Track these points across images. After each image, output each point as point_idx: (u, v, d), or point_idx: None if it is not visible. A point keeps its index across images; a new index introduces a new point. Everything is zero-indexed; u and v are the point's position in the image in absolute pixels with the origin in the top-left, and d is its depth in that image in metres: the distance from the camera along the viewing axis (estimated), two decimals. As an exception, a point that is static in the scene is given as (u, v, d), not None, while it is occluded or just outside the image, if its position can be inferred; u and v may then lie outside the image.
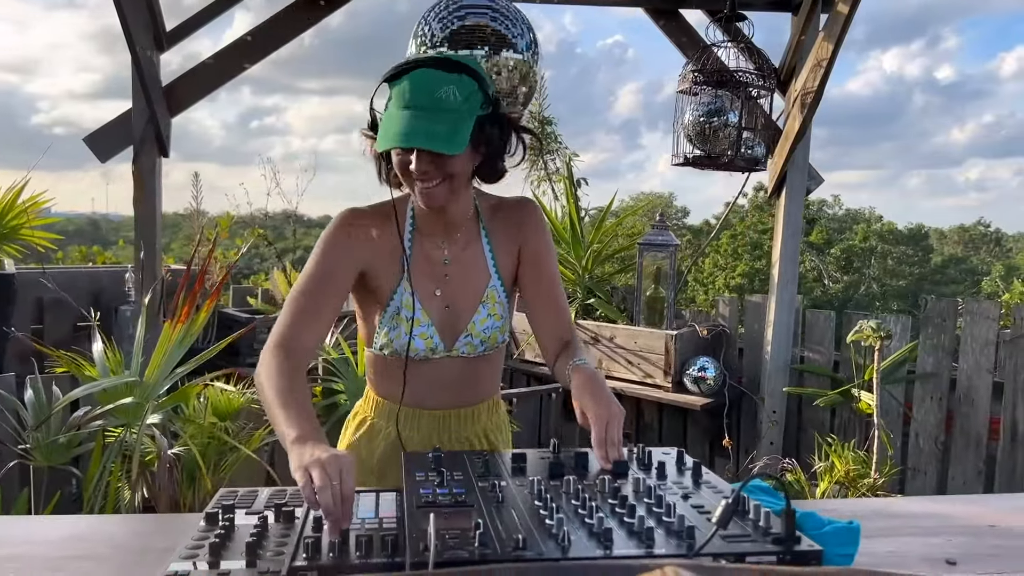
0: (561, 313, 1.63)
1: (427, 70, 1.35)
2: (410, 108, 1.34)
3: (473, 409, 1.63)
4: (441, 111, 1.33)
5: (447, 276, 1.55)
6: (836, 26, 3.01)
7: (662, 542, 1.01)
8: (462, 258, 1.56)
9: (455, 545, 0.97)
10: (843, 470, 3.03)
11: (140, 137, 3.17)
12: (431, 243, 1.55)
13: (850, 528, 1.18)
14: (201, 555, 1.03)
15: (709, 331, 3.80)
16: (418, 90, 1.34)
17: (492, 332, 1.57)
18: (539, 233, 1.61)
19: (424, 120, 1.32)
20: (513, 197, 1.67)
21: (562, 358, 1.57)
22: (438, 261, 1.55)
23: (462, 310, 1.55)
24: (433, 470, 1.25)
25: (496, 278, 1.58)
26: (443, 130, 1.32)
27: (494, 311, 1.57)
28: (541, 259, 1.61)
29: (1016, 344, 3.13)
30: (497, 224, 1.60)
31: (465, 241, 1.57)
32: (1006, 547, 1.32)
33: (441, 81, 1.34)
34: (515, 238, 1.60)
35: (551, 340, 1.62)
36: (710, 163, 3.24)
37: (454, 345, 1.55)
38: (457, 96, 1.34)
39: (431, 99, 1.33)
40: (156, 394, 2.20)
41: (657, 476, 1.27)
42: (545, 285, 1.62)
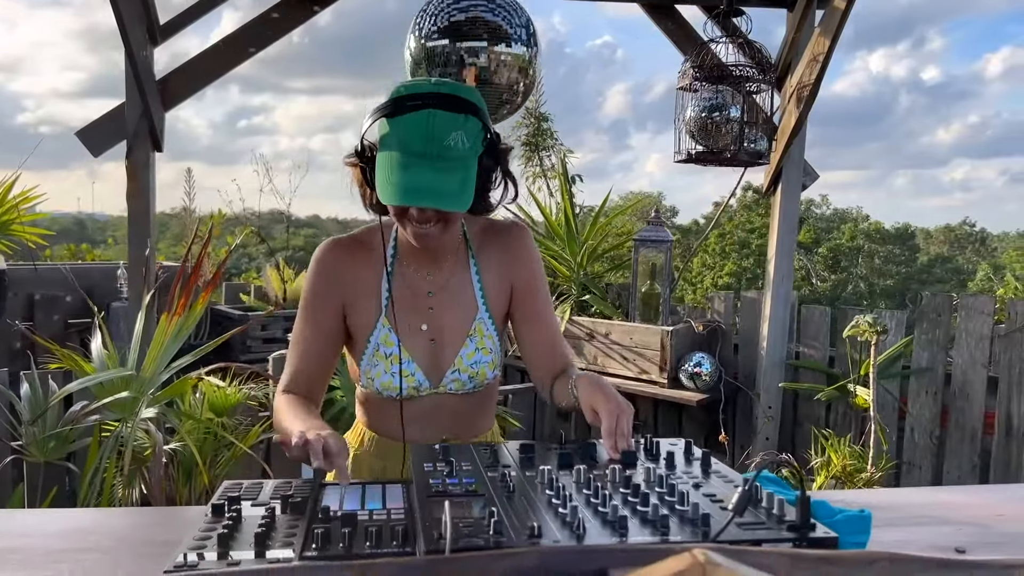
0: (556, 343, 1.57)
1: (435, 112, 1.25)
2: (416, 156, 1.25)
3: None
4: (449, 160, 1.25)
5: (431, 309, 1.48)
6: (833, 21, 3.01)
7: (677, 530, 1.00)
8: (448, 288, 1.49)
9: (470, 532, 0.96)
10: (839, 465, 3.04)
11: (133, 131, 3.14)
12: (415, 273, 1.48)
13: (862, 516, 1.17)
14: (210, 546, 1.02)
15: (704, 327, 3.80)
16: (425, 137, 1.25)
17: (481, 367, 1.50)
18: (531, 262, 1.55)
19: (432, 173, 1.24)
20: (503, 221, 1.59)
21: (559, 383, 1.51)
22: (422, 293, 1.48)
23: (448, 344, 1.48)
24: (441, 460, 1.24)
25: (484, 310, 1.50)
26: (453, 186, 1.25)
27: (483, 345, 1.49)
28: (534, 289, 1.55)
29: (1011, 338, 3.15)
30: (487, 252, 1.52)
31: (452, 271, 1.50)
32: (1015, 535, 1.32)
33: (450, 127, 1.25)
34: (506, 271, 1.53)
35: (546, 370, 1.56)
36: (713, 158, 3.24)
37: (441, 382, 1.49)
38: (465, 143, 1.26)
39: (439, 147, 1.25)
40: (151, 388, 2.18)
41: (666, 466, 1.27)
42: (538, 317, 1.56)
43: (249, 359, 4.09)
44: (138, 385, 2.16)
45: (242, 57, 3.32)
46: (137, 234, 3.21)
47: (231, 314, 4.35)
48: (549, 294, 1.61)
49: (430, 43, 2.63)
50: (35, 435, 2.09)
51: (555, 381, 1.53)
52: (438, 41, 2.62)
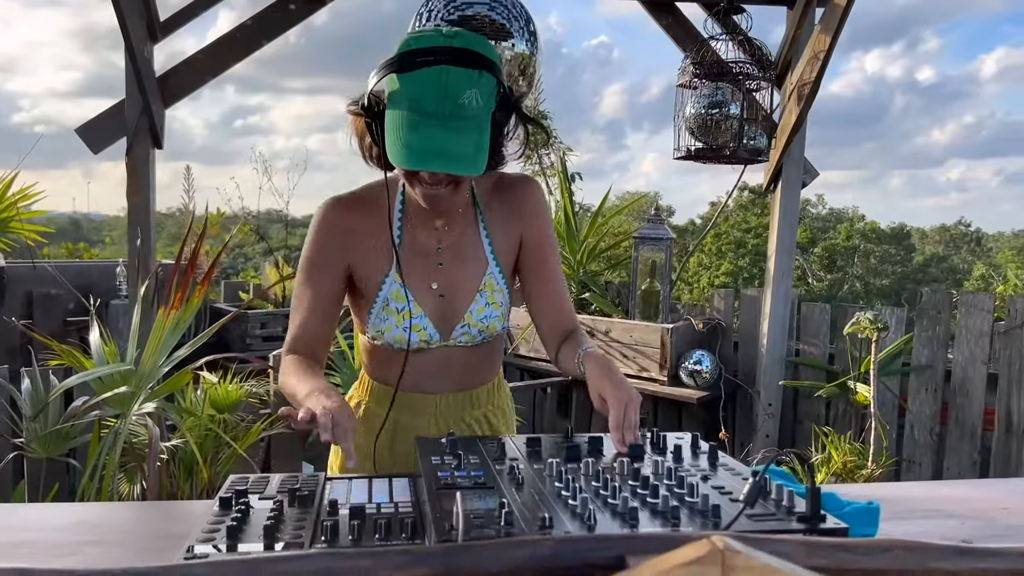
0: (564, 303, 1.56)
1: (448, 68, 1.20)
2: (430, 116, 1.21)
3: (472, 393, 1.56)
4: (463, 120, 1.21)
5: (441, 265, 1.47)
6: (833, 18, 3.02)
7: (687, 521, 1.00)
8: (457, 245, 1.48)
9: (481, 524, 0.96)
10: (840, 461, 3.04)
11: (134, 128, 3.14)
12: (423, 230, 1.47)
13: (870, 508, 1.18)
14: (219, 538, 1.02)
15: (705, 324, 3.80)
16: (438, 95, 1.20)
17: (491, 321, 1.49)
18: (541, 218, 1.53)
19: (445, 133, 1.20)
20: (513, 174, 1.55)
21: (566, 348, 1.51)
22: (431, 249, 1.47)
23: (458, 300, 1.47)
24: (449, 454, 1.24)
25: (494, 264, 1.49)
26: (468, 148, 1.22)
27: (493, 299, 1.49)
28: (543, 246, 1.53)
29: (1011, 335, 3.16)
30: (495, 207, 1.50)
31: (460, 227, 1.48)
32: (1019, 527, 1.32)
33: (464, 84, 1.20)
34: (515, 223, 1.51)
35: (554, 331, 1.55)
36: (712, 155, 3.24)
37: (451, 335, 1.48)
38: (479, 100, 1.22)
39: (453, 106, 1.20)
40: (150, 383, 2.17)
41: (674, 459, 1.27)
42: (547, 274, 1.54)
43: (249, 358, 4.08)
44: (136, 379, 2.15)
45: (243, 54, 3.32)
46: (137, 231, 3.20)
47: (229, 311, 4.34)
48: (558, 249, 1.60)
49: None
50: (36, 431, 2.09)
51: (562, 344, 1.52)
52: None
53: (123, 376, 2.21)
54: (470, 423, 1.57)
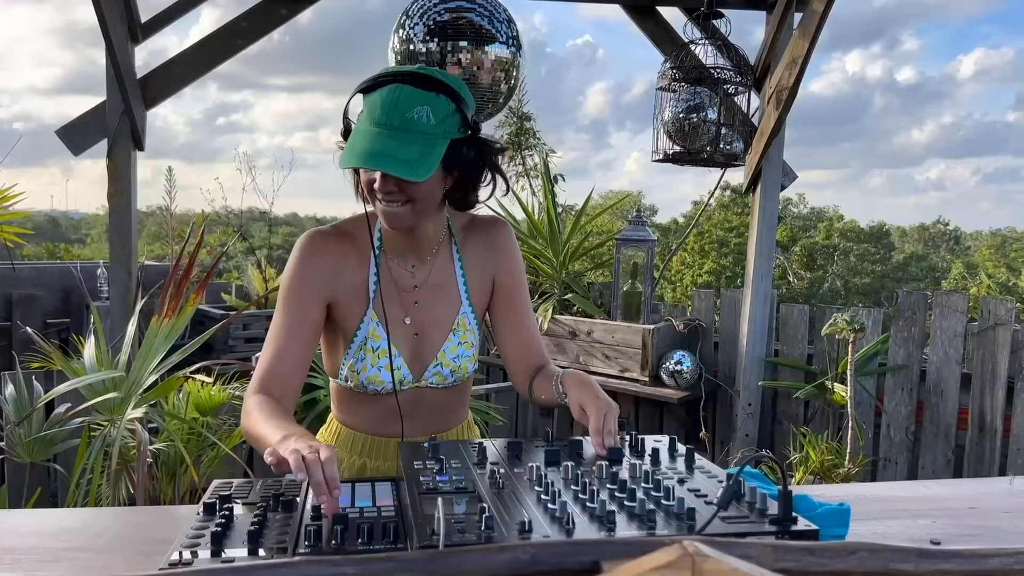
0: (534, 341, 1.59)
1: (401, 86, 1.27)
2: (379, 126, 1.26)
3: (442, 437, 1.55)
4: (411, 132, 1.26)
5: (416, 303, 1.48)
6: (811, 23, 3.06)
7: (663, 524, 1.02)
8: (432, 282, 1.49)
9: (462, 529, 0.98)
10: (818, 461, 3.09)
11: (115, 130, 3.12)
12: (400, 266, 1.48)
13: (842, 510, 1.21)
14: (203, 544, 1.03)
15: (685, 325, 3.84)
16: (389, 108, 1.26)
17: (463, 361, 1.51)
18: (513, 259, 1.57)
19: (391, 140, 1.25)
20: (486, 216, 1.59)
21: (540, 379, 1.53)
22: (407, 286, 1.48)
23: (431, 338, 1.49)
24: (431, 458, 1.26)
25: (467, 304, 1.51)
26: (411, 155, 1.25)
27: (465, 339, 1.50)
28: (515, 287, 1.57)
29: (984, 336, 3.22)
30: (470, 246, 1.53)
31: (436, 264, 1.50)
32: (987, 527, 1.36)
33: (415, 100, 1.26)
34: (489, 264, 1.54)
35: (525, 367, 1.57)
36: (689, 159, 3.28)
37: (423, 375, 1.49)
38: (431, 118, 1.26)
39: (402, 119, 1.26)
40: (140, 389, 2.18)
41: (651, 462, 1.29)
42: (518, 313, 1.57)
43: (231, 358, 4.08)
44: (127, 386, 2.15)
45: (224, 56, 3.32)
46: (119, 234, 3.19)
47: (213, 313, 4.33)
48: (528, 292, 1.63)
49: (413, 43, 2.64)
50: (21, 436, 2.08)
51: (535, 377, 1.54)
52: (421, 41, 2.63)
53: (114, 382, 2.21)
54: None
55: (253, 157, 8.26)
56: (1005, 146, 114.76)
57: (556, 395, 1.45)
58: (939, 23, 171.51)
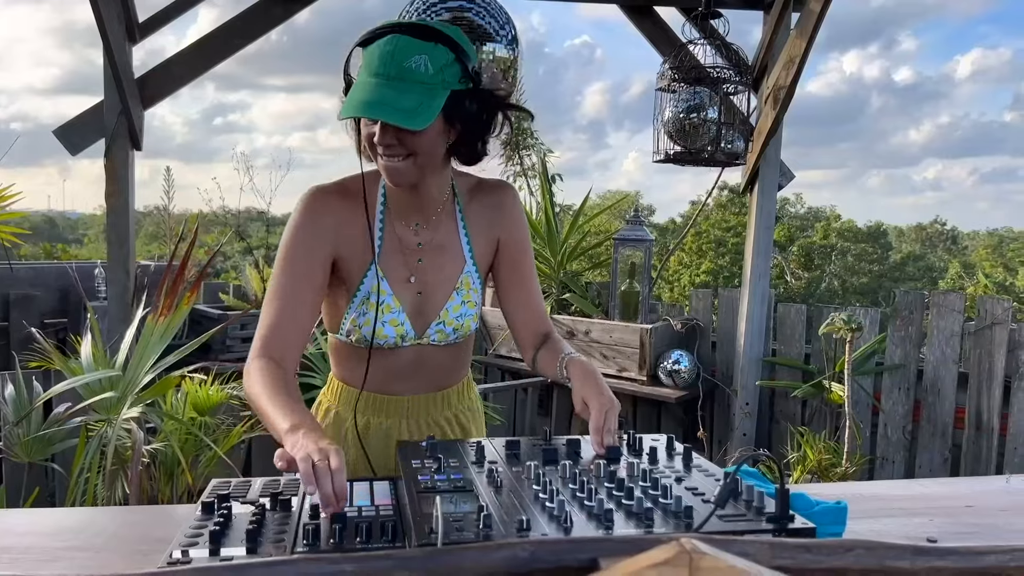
0: (538, 305, 1.59)
1: (399, 36, 1.25)
2: (377, 76, 1.25)
3: (442, 394, 1.57)
4: (408, 82, 1.24)
5: (420, 261, 1.48)
6: (808, 23, 3.07)
7: (661, 522, 1.03)
8: (436, 241, 1.49)
9: (460, 527, 0.98)
10: (815, 460, 3.10)
11: (112, 130, 3.12)
12: (404, 225, 1.47)
13: (839, 508, 1.22)
14: (201, 543, 1.03)
15: (683, 325, 3.85)
16: (386, 58, 1.25)
17: (465, 320, 1.51)
18: (518, 221, 1.57)
19: (389, 90, 1.24)
20: (492, 179, 1.59)
21: (545, 351, 1.53)
22: (411, 245, 1.48)
23: (435, 297, 1.49)
24: (429, 457, 1.26)
25: (471, 263, 1.51)
26: (409, 104, 1.24)
27: (468, 298, 1.51)
28: (520, 249, 1.57)
29: (980, 335, 3.23)
30: (475, 207, 1.53)
31: (440, 224, 1.49)
32: (983, 525, 1.37)
33: (412, 49, 1.24)
34: (494, 225, 1.54)
35: (529, 333, 1.58)
36: (690, 159, 3.28)
37: (425, 332, 1.49)
38: (429, 67, 1.25)
39: (399, 68, 1.24)
40: (136, 388, 2.18)
41: (649, 461, 1.30)
42: (523, 277, 1.57)
43: (229, 358, 4.07)
44: (123, 385, 2.15)
45: (222, 55, 3.32)
46: (117, 234, 3.19)
47: (210, 313, 4.32)
48: (533, 258, 1.63)
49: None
50: (19, 436, 2.08)
51: (540, 348, 1.55)
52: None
53: (110, 382, 2.21)
54: (441, 424, 1.58)
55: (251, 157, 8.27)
56: (1002, 146, 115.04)
57: (560, 376, 1.46)
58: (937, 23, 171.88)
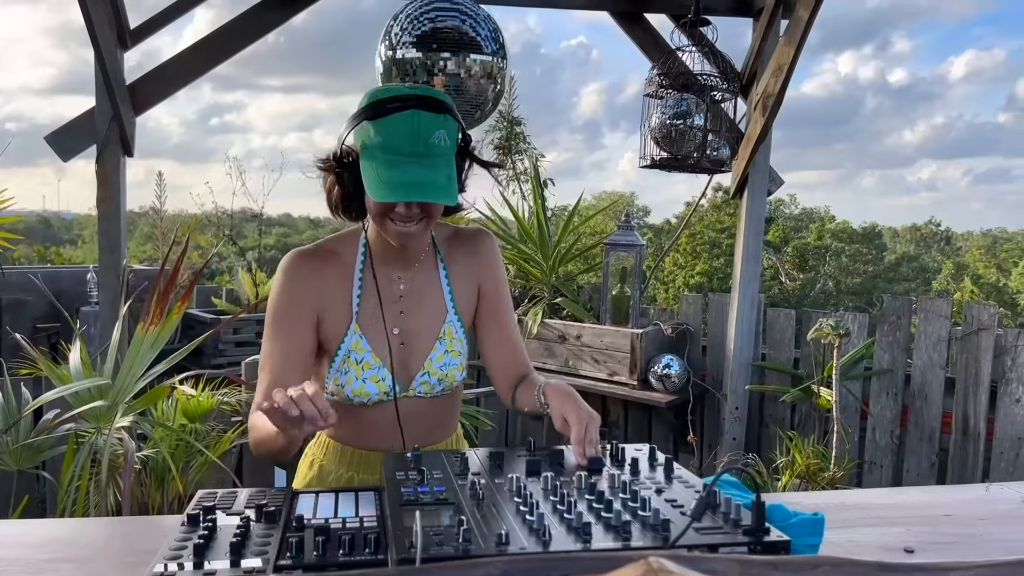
0: (517, 349, 1.61)
1: (417, 112, 1.30)
2: (403, 155, 1.29)
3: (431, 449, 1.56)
4: (434, 157, 1.31)
5: (402, 313, 1.51)
6: (796, 31, 3.09)
7: (639, 535, 1.04)
8: (419, 292, 1.52)
9: (440, 541, 1.00)
10: (803, 464, 3.12)
11: (104, 136, 3.13)
12: (385, 276, 1.50)
13: (815, 520, 1.23)
14: (185, 555, 1.04)
15: (674, 329, 3.86)
16: (412, 136, 1.29)
17: (450, 370, 1.53)
18: (496, 268, 1.60)
19: (421, 169, 1.29)
20: (469, 228, 1.65)
21: (523, 388, 1.55)
22: (394, 296, 1.50)
23: (418, 347, 1.51)
24: (413, 469, 1.28)
25: (453, 312, 1.54)
26: (441, 180, 1.30)
27: (451, 347, 1.53)
28: (498, 295, 1.60)
29: (967, 341, 3.25)
30: (454, 256, 1.56)
31: (421, 273, 1.53)
32: (962, 535, 1.38)
33: (432, 125, 1.30)
34: (474, 273, 1.57)
35: (507, 374, 1.60)
36: (677, 165, 3.30)
37: (410, 385, 1.51)
38: (447, 140, 1.32)
39: (426, 146, 1.30)
40: (127, 397, 2.18)
41: (631, 472, 1.31)
42: (502, 322, 1.60)
43: (221, 363, 4.08)
44: (114, 394, 2.16)
45: (215, 61, 3.33)
46: (108, 239, 3.19)
47: (203, 318, 4.34)
48: (511, 301, 1.66)
49: (400, 52, 2.66)
50: (8, 444, 2.09)
51: (518, 386, 1.57)
52: (409, 50, 2.65)
53: (100, 390, 2.22)
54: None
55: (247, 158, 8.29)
56: (996, 147, 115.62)
57: (539, 405, 1.47)
58: (931, 24, 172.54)
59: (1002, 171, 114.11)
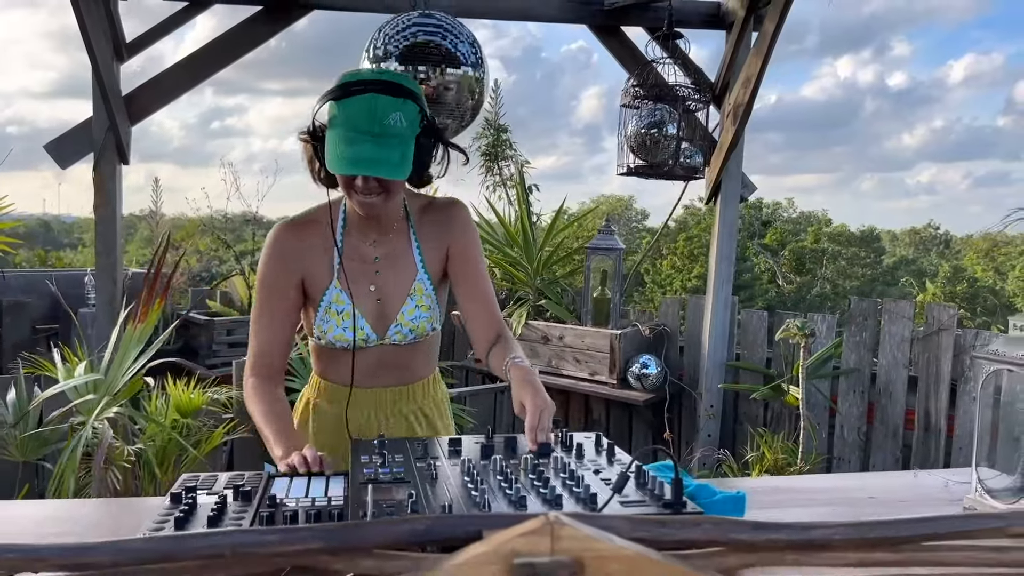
0: (490, 305, 1.77)
1: (376, 96, 1.45)
2: (362, 133, 1.45)
3: (408, 388, 1.79)
4: (390, 137, 1.46)
5: (378, 272, 1.70)
6: (764, 44, 3.22)
7: (569, 506, 1.18)
8: (392, 254, 1.71)
9: (391, 512, 1.13)
10: (772, 459, 3.25)
11: (100, 145, 3.27)
12: (363, 241, 1.70)
13: (737, 497, 1.36)
14: (167, 528, 1.17)
15: (651, 331, 4.00)
16: (369, 116, 1.44)
17: (420, 322, 1.72)
18: (466, 231, 1.77)
19: (375, 147, 1.45)
20: (443, 198, 1.81)
21: (496, 351, 1.70)
22: (370, 258, 1.70)
23: (392, 302, 1.70)
24: (377, 453, 1.41)
25: (423, 272, 1.72)
26: (394, 157, 1.46)
27: (422, 303, 1.72)
28: (468, 254, 1.76)
29: (928, 341, 3.39)
30: (426, 223, 1.74)
31: (395, 239, 1.71)
32: (880, 514, 1.51)
33: (390, 108, 1.45)
34: (443, 237, 1.74)
35: (482, 331, 1.75)
36: (652, 172, 3.44)
37: (386, 334, 1.71)
38: (403, 122, 1.47)
39: (381, 126, 1.45)
40: (115, 390, 2.32)
41: (576, 455, 1.44)
42: (473, 278, 1.76)
43: (215, 363, 4.22)
44: (104, 388, 2.30)
45: (210, 71, 3.46)
46: (104, 244, 3.33)
47: (197, 320, 4.47)
48: (484, 263, 1.82)
49: (383, 65, 2.79)
50: (15, 436, 2.23)
51: (492, 347, 1.73)
52: (391, 64, 2.79)
53: (94, 385, 2.36)
54: (407, 415, 1.79)
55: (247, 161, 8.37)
56: (995, 150, 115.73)
57: (504, 377, 1.65)
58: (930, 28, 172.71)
59: (1001, 174, 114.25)
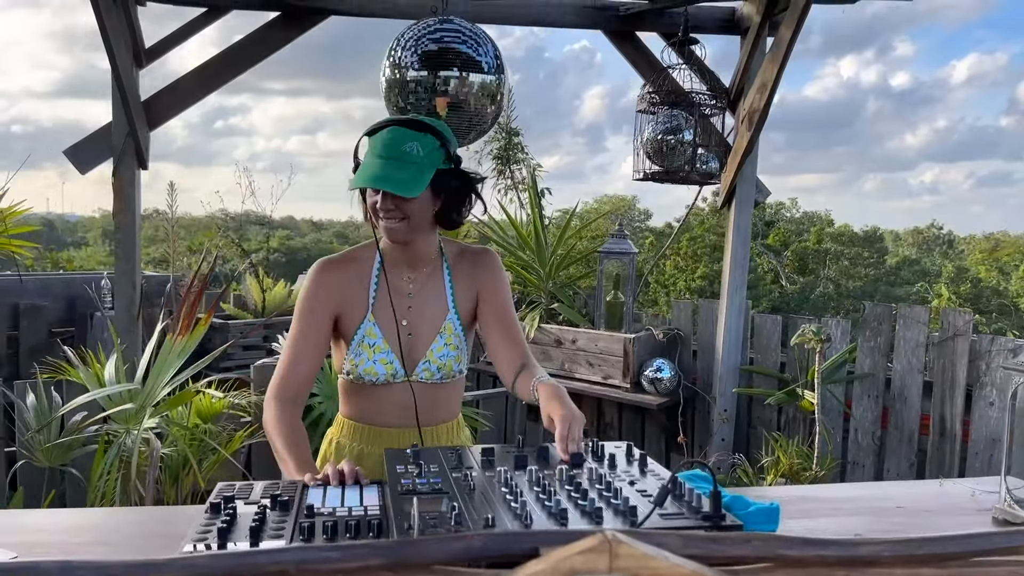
0: (518, 345, 1.83)
1: (397, 128, 1.64)
2: (381, 157, 1.62)
3: (433, 430, 1.82)
4: (403, 161, 1.61)
5: (410, 308, 1.78)
6: (780, 49, 3.23)
7: (609, 519, 1.19)
8: (425, 291, 1.80)
9: (435, 524, 1.15)
10: (787, 464, 3.26)
11: (120, 150, 3.29)
12: (397, 277, 1.78)
13: (771, 509, 1.38)
14: (210, 538, 1.18)
15: (665, 335, 4.01)
16: (388, 143, 1.62)
17: (448, 360, 1.79)
18: (497, 278, 1.86)
19: (389, 168, 1.60)
20: (476, 246, 1.94)
21: (522, 378, 1.76)
22: (404, 292, 1.79)
23: (422, 338, 1.78)
24: (412, 463, 1.43)
25: (454, 312, 1.80)
26: (404, 177, 1.60)
27: (450, 341, 1.79)
28: (498, 298, 1.85)
29: (943, 346, 3.39)
30: (460, 267, 1.84)
31: (428, 277, 1.80)
32: (909, 524, 1.53)
33: (407, 137, 1.62)
34: (474, 282, 1.83)
35: (508, 363, 1.82)
36: (668, 178, 3.46)
37: (414, 370, 1.77)
38: (420, 151, 1.62)
39: (397, 151, 1.61)
40: (155, 400, 2.35)
41: (608, 466, 1.46)
42: (501, 314, 1.84)
43: (229, 366, 4.23)
44: (142, 397, 2.32)
45: (226, 78, 3.48)
46: (124, 249, 3.35)
47: (213, 323, 4.48)
48: (513, 308, 1.89)
49: (404, 71, 2.81)
50: (40, 442, 2.25)
51: (518, 375, 1.78)
52: (412, 70, 2.80)
53: (130, 394, 2.39)
54: None
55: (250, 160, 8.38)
56: (997, 150, 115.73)
57: (532, 398, 1.70)
58: (933, 28, 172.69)
59: (1004, 174, 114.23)
